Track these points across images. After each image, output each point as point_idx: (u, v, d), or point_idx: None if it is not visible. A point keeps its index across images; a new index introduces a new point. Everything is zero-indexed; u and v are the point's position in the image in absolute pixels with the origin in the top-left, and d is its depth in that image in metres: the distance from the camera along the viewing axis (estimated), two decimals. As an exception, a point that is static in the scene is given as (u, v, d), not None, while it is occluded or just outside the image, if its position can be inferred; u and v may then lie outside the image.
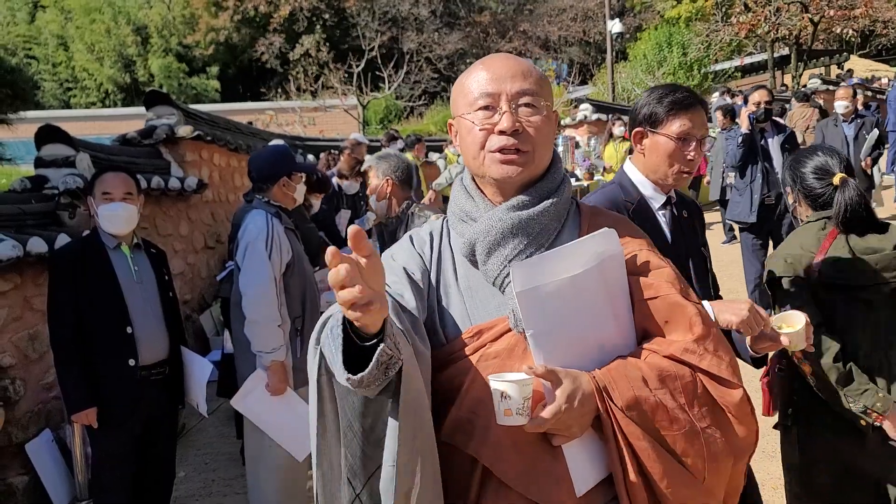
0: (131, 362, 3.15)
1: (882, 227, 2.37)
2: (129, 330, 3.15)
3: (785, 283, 2.35)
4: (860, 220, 2.32)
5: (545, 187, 1.46)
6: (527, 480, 1.29)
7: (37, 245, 4.30)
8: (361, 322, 1.10)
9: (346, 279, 1.05)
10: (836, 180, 2.39)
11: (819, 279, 2.30)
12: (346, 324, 1.16)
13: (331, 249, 1.07)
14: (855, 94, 7.66)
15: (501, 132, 1.38)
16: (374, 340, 1.14)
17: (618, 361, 1.36)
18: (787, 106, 12.83)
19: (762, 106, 5.79)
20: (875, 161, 7.72)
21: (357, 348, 1.15)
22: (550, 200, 1.44)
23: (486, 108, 1.41)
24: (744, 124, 5.85)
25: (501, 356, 1.37)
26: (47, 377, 4.52)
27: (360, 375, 1.12)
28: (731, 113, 9.46)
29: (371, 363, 1.12)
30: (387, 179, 3.61)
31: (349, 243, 1.08)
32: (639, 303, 1.42)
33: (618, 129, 10.99)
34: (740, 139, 5.83)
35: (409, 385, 1.19)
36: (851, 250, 2.32)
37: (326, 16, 32.55)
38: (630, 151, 2.30)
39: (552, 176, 1.48)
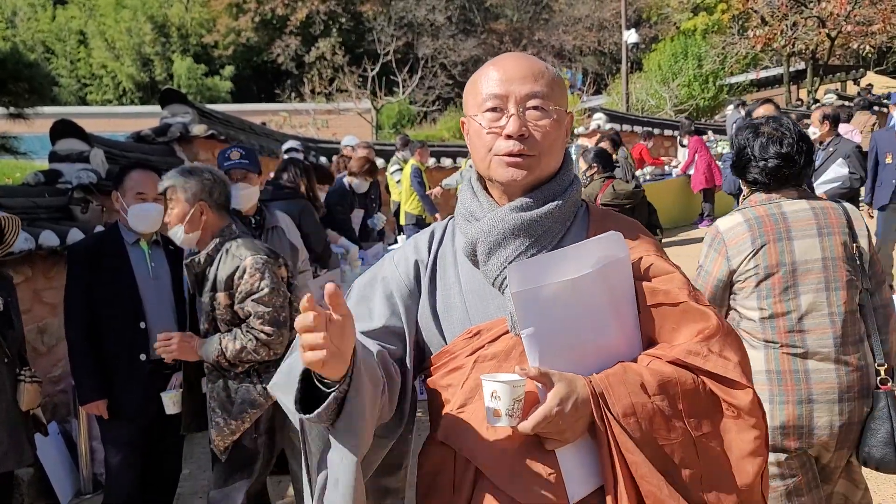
0: (142, 357, 3.18)
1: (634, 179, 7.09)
2: (142, 325, 3.18)
3: None
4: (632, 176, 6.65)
5: (551, 189, 1.43)
6: (519, 484, 1.28)
7: (48, 239, 4.34)
8: (315, 369, 1.17)
9: (311, 326, 1.12)
10: (616, 157, 6.89)
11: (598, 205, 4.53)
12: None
13: (307, 296, 1.14)
14: (824, 118, 6.40)
15: (508, 136, 1.36)
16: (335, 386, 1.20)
17: (617, 367, 1.33)
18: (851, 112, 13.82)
19: None
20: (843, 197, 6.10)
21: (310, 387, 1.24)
22: (555, 202, 1.41)
23: (493, 109, 1.38)
24: None
25: (499, 358, 1.36)
26: (55, 371, 4.55)
27: (314, 413, 1.19)
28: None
29: (322, 405, 1.19)
30: (199, 204, 2.83)
31: (326, 299, 1.13)
32: (645, 309, 1.39)
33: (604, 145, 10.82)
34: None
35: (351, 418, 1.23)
36: (614, 190, 5.59)
37: (343, 20, 32.68)
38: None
39: (560, 178, 1.45)
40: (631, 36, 19.95)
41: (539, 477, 1.28)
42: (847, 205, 2.51)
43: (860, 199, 7.14)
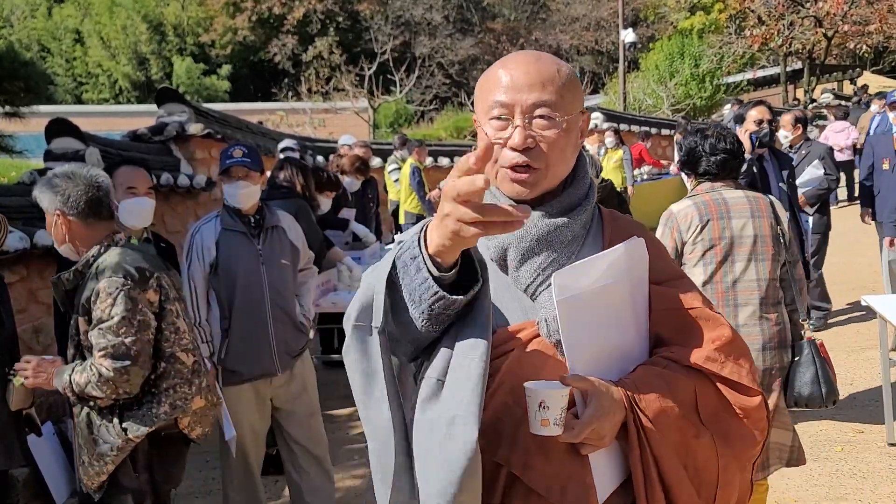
0: None
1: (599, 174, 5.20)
2: None
3: None
4: None
5: (575, 194, 1.41)
6: (556, 488, 1.28)
7: (43, 238, 4.32)
8: (457, 229, 1.10)
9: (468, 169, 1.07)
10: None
11: None
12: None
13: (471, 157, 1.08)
14: (796, 121, 6.21)
15: (513, 148, 1.33)
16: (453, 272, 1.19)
17: (641, 370, 1.35)
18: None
19: (765, 125, 4.34)
20: (817, 201, 6.15)
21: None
22: (580, 208, 1.41)
23: (499, 118, 1.35)
24: (746, 147, 4.21)
25: (529, 362, 1.35)
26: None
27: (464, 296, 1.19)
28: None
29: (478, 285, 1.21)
30: (56, 213, 2.59)
31: (476, 158, 1.06)
32: (656, 312, 1.40)
33: (609, 140, 11.13)
34: (745, 165, 4.14)
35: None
36: None
37: (340, 19, 32.69)
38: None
39: (580, 182, 1.43)
40: (628, 35, 19.94)
41: (576, 480, 1.28)
42: (772, 197, 3.18)
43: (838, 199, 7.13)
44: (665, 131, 15.74)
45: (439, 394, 1.23)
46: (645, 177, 12.43)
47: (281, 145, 7.69)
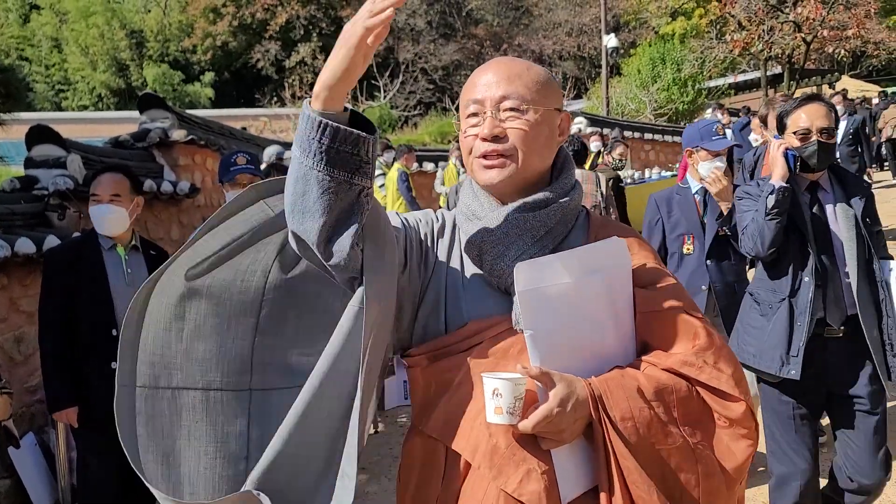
0: (113, 365, 3.12)
1: None
2: (114, 332, 3.13)
3: None
4: None
5: (554, 190, 1.45)
6: (512, 480, 1.27)
7: (24, 246, 4.27)
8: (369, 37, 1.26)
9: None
10: None
11: None
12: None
13: None
14: (764, 122, 5.07)
15: (483, 139, 1.40)
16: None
17: (615, 371, 1.34)
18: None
19: (814, 138, 2.76)
20: None
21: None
22: (558, 204, 1.43)
23: (474, 114, 1.43)
24: (778, 171, 2.75)
25: (496, 355, 1.37)
26: (31, 380, 4.47)
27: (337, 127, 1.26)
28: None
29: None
30: None
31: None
32: (641, 315, 1.40)
33: (593, 145, 11.20)
34: (772, 198, 2.73)
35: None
36: None
37: (323, 24, 32.60)
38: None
39: (562, 180, 1.48)
40: (610, 40, 20.03)
41: (533, 474, 1.27)
42: (598, 172, 3.77)
43: None
44: (648, 135, 15.87)
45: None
46: (628, 181, 12.50)
47: (268, 152, 7.68)
